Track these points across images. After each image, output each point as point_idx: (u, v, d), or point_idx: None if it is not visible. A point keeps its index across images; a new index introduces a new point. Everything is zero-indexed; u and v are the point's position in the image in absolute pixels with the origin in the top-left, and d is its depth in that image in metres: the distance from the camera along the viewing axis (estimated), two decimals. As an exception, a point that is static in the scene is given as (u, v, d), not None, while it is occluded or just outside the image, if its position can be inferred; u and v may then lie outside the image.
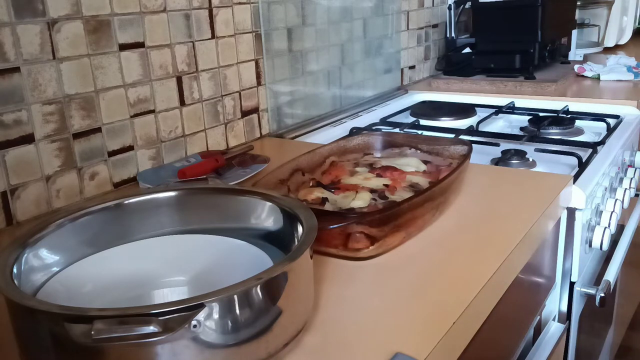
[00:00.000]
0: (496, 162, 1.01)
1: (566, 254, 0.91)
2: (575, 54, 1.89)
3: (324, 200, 0.73)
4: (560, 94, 1.42)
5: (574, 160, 0.98)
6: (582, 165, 0.96)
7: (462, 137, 1.12)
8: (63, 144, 0.80)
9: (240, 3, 1.04)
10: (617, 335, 1.54)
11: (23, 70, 0.74)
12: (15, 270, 0.47)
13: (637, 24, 2.33)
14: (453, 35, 1.73)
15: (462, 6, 1.72)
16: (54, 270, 0.52)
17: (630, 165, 1.23)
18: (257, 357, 0.43)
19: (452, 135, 1.10)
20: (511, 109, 1.37)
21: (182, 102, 0.96)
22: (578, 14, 1.92)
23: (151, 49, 0.90)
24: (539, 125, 1.20)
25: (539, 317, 0.89)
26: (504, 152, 1.03)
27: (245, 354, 0.43)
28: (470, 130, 1.18)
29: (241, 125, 1.09)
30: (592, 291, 0.96)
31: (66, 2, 0.78)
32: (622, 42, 2.16)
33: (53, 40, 0.77)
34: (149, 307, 0.39)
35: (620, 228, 1.17)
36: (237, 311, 0.41)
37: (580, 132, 1.20)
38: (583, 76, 1.61)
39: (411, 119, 1.29)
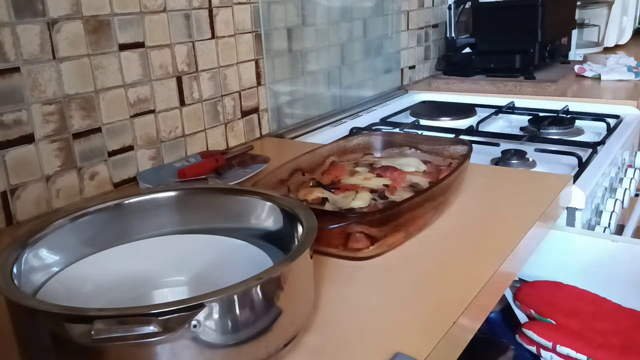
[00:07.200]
0: (496, 162, 1.02)
1: (566, 254, 0.91)
2: (575, 54, 1.89)
3: (324, 200, 0.73)
4: (560, 94, 1.42)
5: (574, 160, 0.98)
6: (582, 165, 0.96)
7: (462, 137, 1.12)
8: (63, 144, 0.80)
9: (240, 3, 1.04)
10: (617, 335, 1.54)
11: (23, 70, 0.74)
12: (15, 270, 0.47)
13: (637, 24, 2.33)
14: (453, 35, 1.73)
15: (462, 6, 1.72)
16: (54, 270, 0.52)
17: (630, 165, 1.23)
18: (257, 357, 0.43)
19: (452, 135, 1.10)
20: (511, 109, 1.37)
21: (182, 102, 0.96)
22: (578, 14, 1.92)
23: (151, 49, 0.90)
24: (539, 125, 1.20)
25: (539, 317, 0.89)
26: (504, 152, 1.03)
27: (245, 354, 0.43)
28: (470, 130, 1.18)
29: (241, 125, 1.09)
30: (592, 291, 0.96)
31: (66, 2, 0.78)
32: (622, 42, 2.16)
33: (53, 40, 0.77)
34: (149, 307, 0.39)
35: (620, 228, 1.17)
36: (237, 311, 0.41)
37: (580, 132, 1.20)
38: (583, 76, 1.61)
39: (411, 119, 1.29)
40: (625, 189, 1.10)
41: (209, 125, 1.02)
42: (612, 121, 1.20)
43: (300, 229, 0.51)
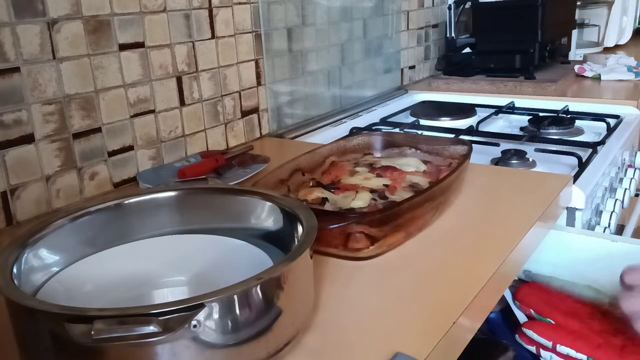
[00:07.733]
0: (496, 162, 1.02)
1: (566, 254, 0.91)
2: (575, 54, 1.89)
3: (324, 200, 0.73)
4: (560, 94, 1.42)
5: (574, 160, 0.98)
6: (582, 165, 0.96)
7: (462, 137, 1.12)
8: (63, 144, 0.80)
9: (240, 3, 1.04)
10: (617, 335, 1.54)
11: (23, 70, 0.74)
12: (15, 270, 0.47)
13: (637, 24, 2.33)
14: (453, 35, 1.73)
15: (462, 6, 1.72)
16: (54, 270, 0.52)
17: (630, 165, 1.23)
18: (257, 357, 0.43)
19: (452, 135, 1.10)
20: (511, 109, 1.37)
21: (182, 102, 0.96)
22: (578, 14, 1.92)
23: (151, 49, 0.90)
24: (539, 125, 1.20)
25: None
26: (504, 152, 1.03)
27: (245, 354, 0.43)
28: (470, 130, 1.18)
29: (241, 125, 1.09)
30: (592, 291, 0.96)
31: (66, 2, 0.78)
32: (622, 42, 2.16)
33: (53, 40, 0.77)
34: (149, 307, 0.39)
35: (620, 228, 1.17)
36: (237, 311, 0.41)
37: (580, 132, 1.20)
38: (583, 76, 1.61)
39: (411, 119, 1.29)
40: (625, 189, 1.10)
41: (209, 125, 1.02)
42: (612, 121, 1.20)
43: (300, 229, 0.51)
